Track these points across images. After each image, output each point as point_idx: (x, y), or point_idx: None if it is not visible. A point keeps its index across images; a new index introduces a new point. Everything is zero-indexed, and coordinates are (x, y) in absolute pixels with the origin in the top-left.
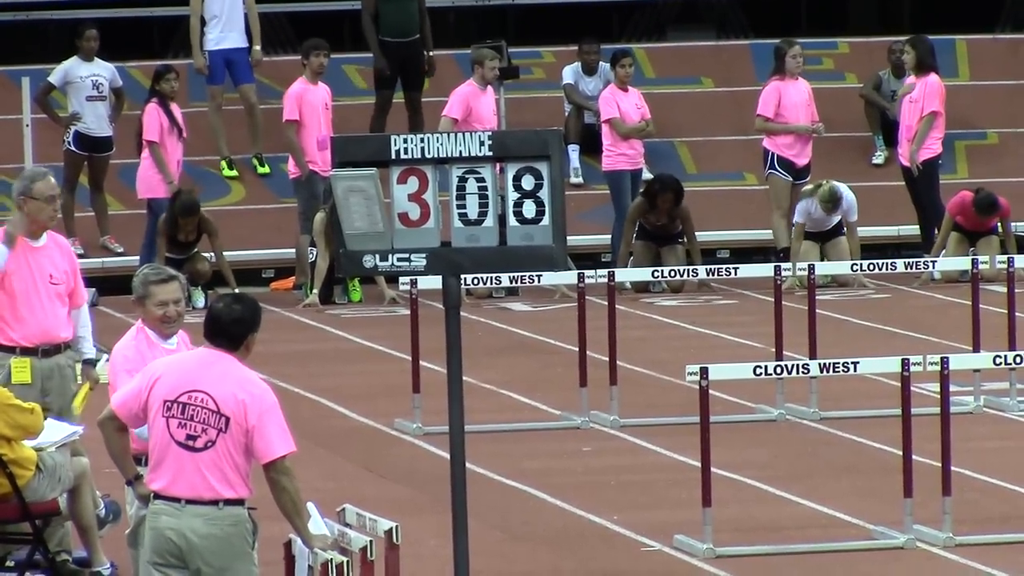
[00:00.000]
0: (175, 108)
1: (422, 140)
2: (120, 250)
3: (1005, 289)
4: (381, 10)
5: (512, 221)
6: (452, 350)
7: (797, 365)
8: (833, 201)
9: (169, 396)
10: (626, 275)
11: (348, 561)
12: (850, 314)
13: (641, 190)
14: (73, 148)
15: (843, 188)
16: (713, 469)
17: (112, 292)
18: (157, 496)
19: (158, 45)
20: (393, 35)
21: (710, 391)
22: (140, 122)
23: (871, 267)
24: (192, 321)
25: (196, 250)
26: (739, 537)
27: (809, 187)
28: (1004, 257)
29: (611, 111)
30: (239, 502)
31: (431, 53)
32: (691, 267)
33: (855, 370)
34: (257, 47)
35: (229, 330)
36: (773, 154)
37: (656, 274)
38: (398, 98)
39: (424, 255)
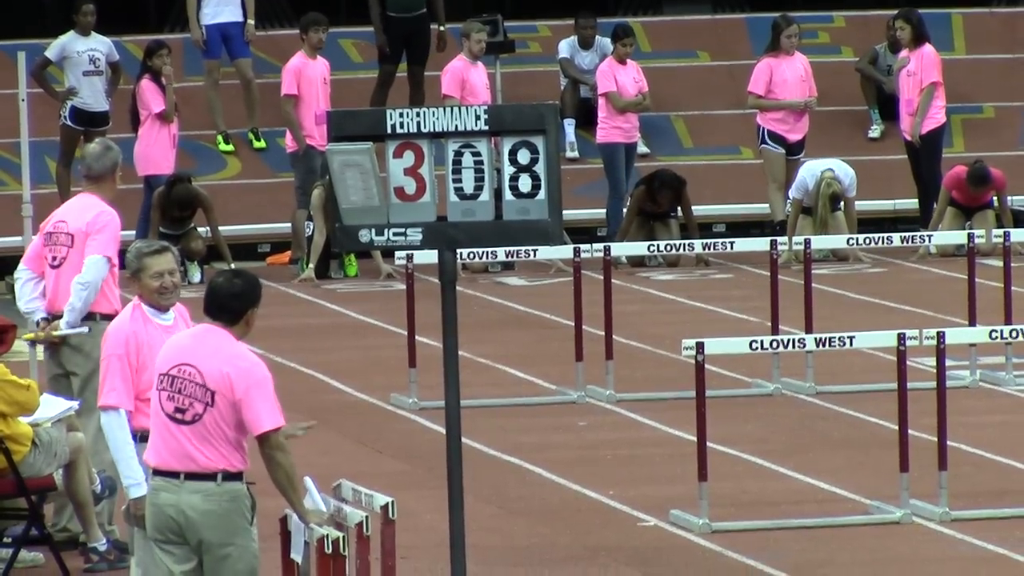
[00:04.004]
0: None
1: (418, 114)
2: None
3: (1001, 263)
4: None
5: (508, 195)
6: (448, 324)
7: (793, 339)
8: (835, 201)
9: (162, 369)
10: (622, 249)
11: (344, 536)
12: (846, 288)
13: (642, 179)
14: (69, 123)
15: (844, 169)
16: (709, 444)
17: None
18: (156, 472)
19: (154, 19)
20: (398, 10)
21: (706, 365)
22: (134, 98)
23: (867, 241)
24: (189, 296)
25: (192, 225)
26: (735, 512)
27: (815, 172)
28: (1000, 231)
29: (608, 84)
30: (237, 477)
31: (443, 27)
32: (687, 241)
33: (851, 344)
34: (251, 22)
35: (228, 305)
36: (764, 129)
37: (652, 248)
38: (401, 71)
39: (420, 229)
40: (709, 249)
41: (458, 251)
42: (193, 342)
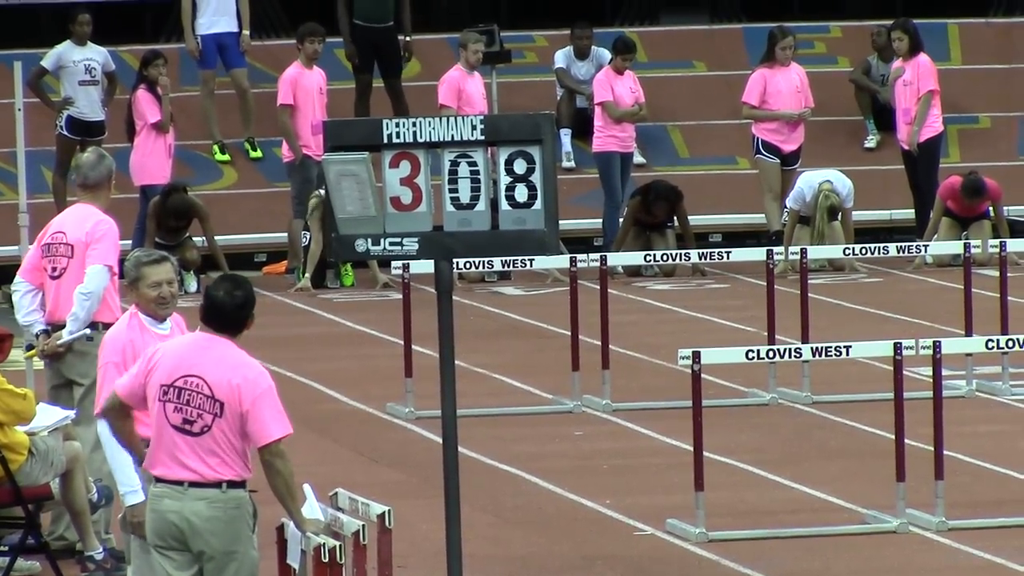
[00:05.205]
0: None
1: (414, 124)
2: None
3: (997, 273)
4: None
5: (504, 205)
6: (444, 334)
7: (789, 349)
8: (832, 213)
9: (165, 381)
10: (618, 259)
11: (340, 545)
12: (842, 298)
13: (637, 189)
14: (65, 132)
15: (841, 180)
16: (705, 453)
17: None
18: (159, 480)
19: (150, 29)
20: (366, 20)
21: (702, 375)
22: (130, 109)
23: (863, 251)
24: (185, 305)
25: (187, 235)
26: (731, 521)
27: (813, 183)
28: (996, 241)
29: (605, 94)
30: (241, 484)
31: (409, 38)
32: (683, 251)
33: (847, 354)
34: (246, 32)
35: (234, 316)
36: (759, 139)
37: (648, 258)
38: (379, 82)
39: (416, 239)
40: (705, 259)
41: (454, 261)
42: (196, 352)
